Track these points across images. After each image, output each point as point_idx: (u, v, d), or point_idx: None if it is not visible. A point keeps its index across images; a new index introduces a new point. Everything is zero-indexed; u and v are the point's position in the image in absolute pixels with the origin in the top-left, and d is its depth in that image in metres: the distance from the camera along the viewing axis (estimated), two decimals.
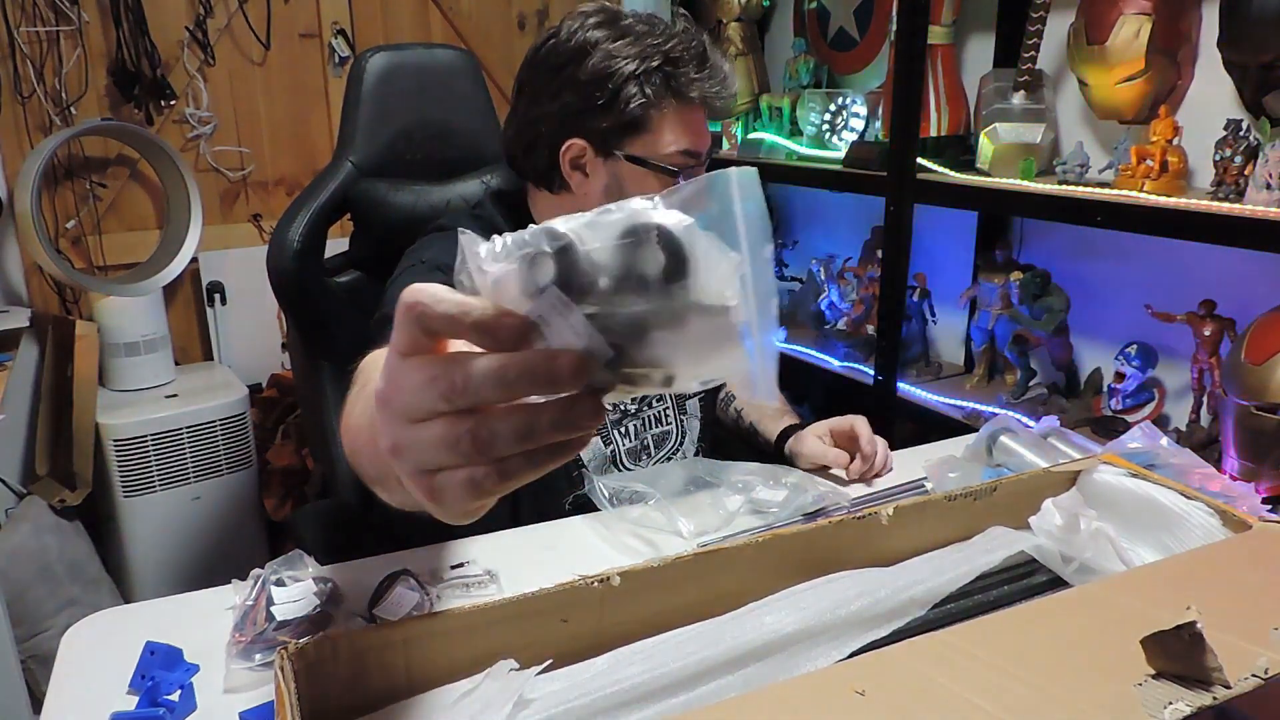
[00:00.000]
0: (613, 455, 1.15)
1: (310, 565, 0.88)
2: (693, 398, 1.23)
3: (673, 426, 1.22)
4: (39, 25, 2.06)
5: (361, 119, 1.34)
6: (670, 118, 1.03)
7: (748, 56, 2.43)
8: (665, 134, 1.03)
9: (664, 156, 1.03)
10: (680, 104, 1.02)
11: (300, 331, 1.34)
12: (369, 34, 2.45)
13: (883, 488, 1.14)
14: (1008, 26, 1.86)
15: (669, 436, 1.21)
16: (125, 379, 2.15)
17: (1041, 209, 1.61)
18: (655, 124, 1.03)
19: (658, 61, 1.00)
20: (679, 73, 1.00)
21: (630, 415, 1.17)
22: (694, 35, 1.03)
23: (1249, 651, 0.55)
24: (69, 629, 0.87)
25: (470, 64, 1.42)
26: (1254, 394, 1.28)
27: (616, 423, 1.16)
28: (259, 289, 2.42)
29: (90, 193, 2.19)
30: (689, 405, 1.23)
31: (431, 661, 0.64)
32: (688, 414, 1.22)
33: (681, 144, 1.03)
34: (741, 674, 0.65)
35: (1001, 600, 0.80)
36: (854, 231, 2.36)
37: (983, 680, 0.55)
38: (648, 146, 1.03)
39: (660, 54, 1.00)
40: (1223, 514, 0.82)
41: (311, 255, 1.31)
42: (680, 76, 1.01)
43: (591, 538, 1.03)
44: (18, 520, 1.92)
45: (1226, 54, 1.42)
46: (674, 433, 1.22)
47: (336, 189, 1.33)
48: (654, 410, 1.20)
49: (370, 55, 1.35)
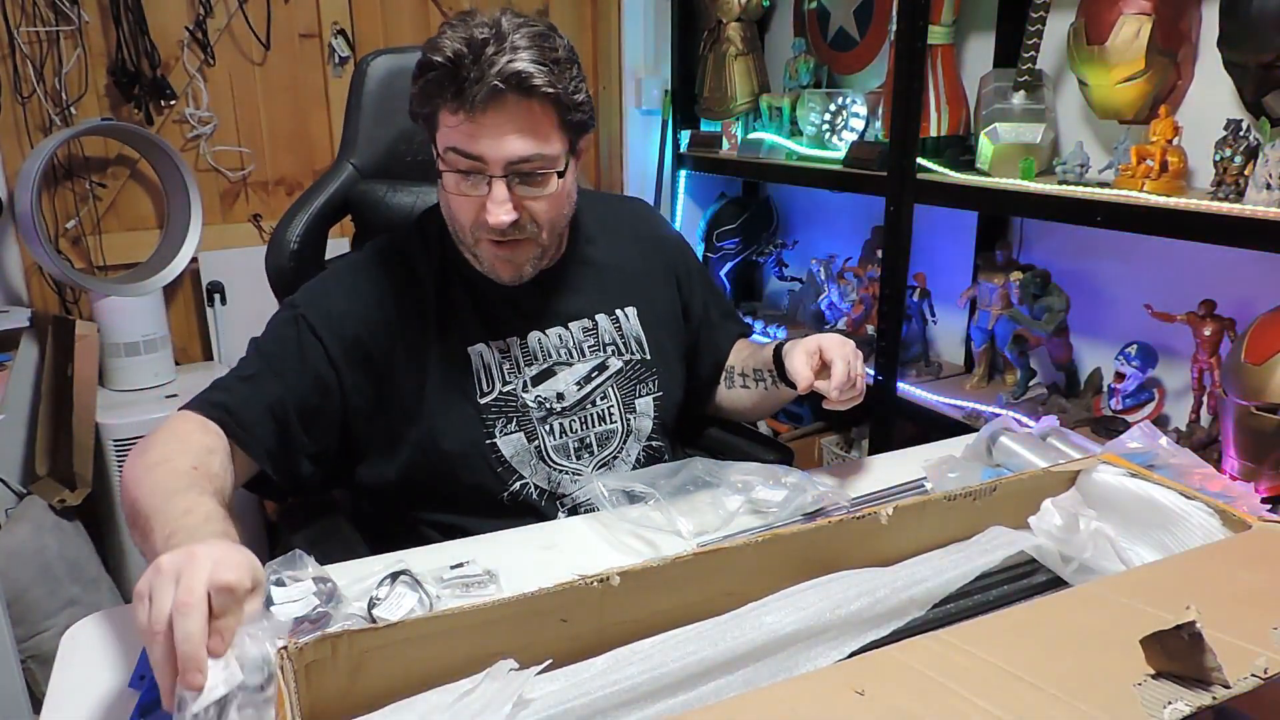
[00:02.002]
0: (538, 451, 1.13)
1: (310, 565, 0.88)
2: (644, 396, 1.21)
3: (618, 425, 1.19)
4: (39, 25, 2.06)
5: (363, 122, 1.35)
6: (439, 118, 1.02)
7: (748, 56, 2.43)
8: (441, 131, 1.03)
9: (442, 154, 1.03)
10: (441, 106, 1.01)
11: None
12: (369, 34, 2.45)
13: (883, 488, 1.14)
14: (1008, 26, 1.87)
15: (613, 435, 1.19)
16: (125, 379, 2.15)
17: (1041, 209, 1.61)
18: (435, 122, 1.03)
19: (423, 60, 1.00)
20: (430, 74, 0.99)
21: (557, 414, 1.15)
22: (480, 35, 0.97)
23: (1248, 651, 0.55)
24: (69, 629, 0.87)
25: None
26: (1254, 394, 1.28)
27: (542, 419, 1.14)
28: (259, 289, 2.41)
29: (90, 193, 2.19)
30: (639, 404, 1.20)
31: (431, 661, 0.64)
32: (636, 412, 1.20)
33: (448, 142, 1.02)
34: (741, 674, 0.65)
35: (1001, 600, 0.80)
36: (854, 231, 2.36)
37: (983, 680, 0.55)
38: (438, 143, 1.04)
39: (427, 54, 0.99)
40: (1223, 514, 0.82)
41: (311, 255, 1.32)
42: (431, 78, 0.99)
43: (591, 538, 1.03)
44: (18, 520, 1.92)
45: (1226, 54, 1.42)
46: (619, 431, 1.19)
47: (337, 190, 1.33)
48: (597, 408, 1.18)
49: (372, 58, 1.36)
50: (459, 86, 0.97)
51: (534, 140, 1.01)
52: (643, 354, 1.22)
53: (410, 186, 1.34)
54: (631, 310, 1.23)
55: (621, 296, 1.23)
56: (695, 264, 1.36)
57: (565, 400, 1.15)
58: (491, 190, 1.01)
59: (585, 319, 1.19)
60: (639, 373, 1.21)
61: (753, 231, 2.62)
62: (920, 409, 1.91)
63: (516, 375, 1.14)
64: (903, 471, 1.18)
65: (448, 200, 1.07)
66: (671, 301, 1.28)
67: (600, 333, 1.20)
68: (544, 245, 1.10)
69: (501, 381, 1.13)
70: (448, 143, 1.01)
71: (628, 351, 1.21)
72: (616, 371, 1.19)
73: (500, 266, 1.09)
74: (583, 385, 1.17)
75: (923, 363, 2.08)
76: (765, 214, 2.65)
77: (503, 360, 1.13)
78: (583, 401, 1.17)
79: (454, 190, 1.04)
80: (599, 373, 1.18)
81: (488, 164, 1.01)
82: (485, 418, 1.11)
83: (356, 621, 0.83)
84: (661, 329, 1.25)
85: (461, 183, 1.03)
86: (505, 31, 0.98)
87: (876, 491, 1.13)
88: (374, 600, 0.86)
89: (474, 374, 1.12)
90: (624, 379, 1.20)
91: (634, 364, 1.21)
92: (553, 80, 0.99)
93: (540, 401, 1.14)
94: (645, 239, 1.29)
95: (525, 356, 1.15)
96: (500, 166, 1.00)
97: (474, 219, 1.05)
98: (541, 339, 1.16)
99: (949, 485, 1.09)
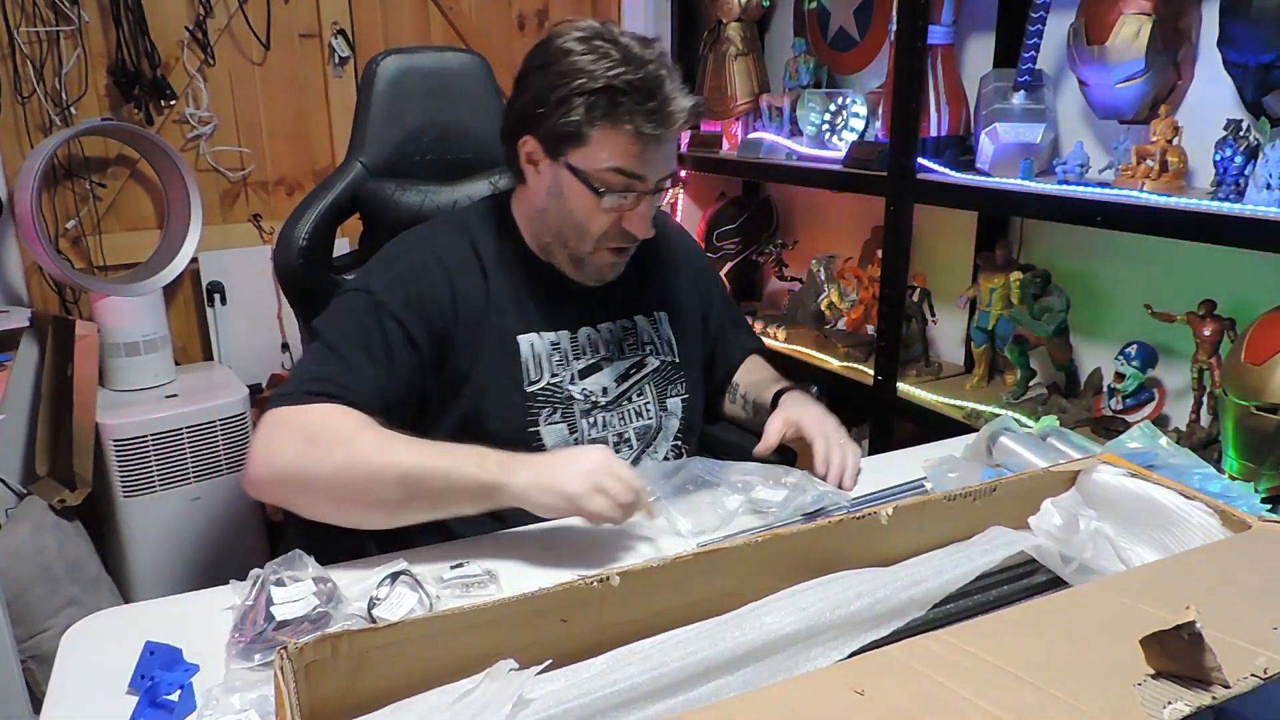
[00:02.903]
0: (577, 443, 1.16)
1: (310, 565, 0.89)
2: (674, 397, 1.25)
3: (654, 420, 1.23)
4: (39, 25, 2.06)
5: (372, 120, 1.36)
6: (607, 138, 1.06)
7: (748, 56, 2.43)
8: (601, 151, 1.07)
9: (597, 172, 1.08)
10: (614, 127, 1.06)
11: (308, 327, 1.35)
12: (369, 34, 2.45)
13: (883, 488, 1.14)
14: (1008, 26, 1.86)
15: (650, 430, 1.23)
16: (125, 379, 2.15)
17: (1041, 209, 1.61)
18: (592, 140, 1.07)
19: (602, 84, 1.04)
20: (620, 100, 1.04)
21: (600, 407, 1.19)
22: (657, 68, 1.06)
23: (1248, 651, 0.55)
24: (69, 629, 0.88)
25: (481, 68, 1.44)
26: (1254, 394, 1.28)
27: (585, 412, 1.17)
28: (259, 289, 2.44)
29: (90, 193, 2.19)
30: (669, 404, 1.25)
31: (431, 661, 0.64)
32: (668, 411, 1.24)
33: (615, 163, 1.07)
34: (741, 674, 0.65)
35: (1001, 600, 0.80)
36: (854, 231, 2.36)
37: (983, 680, 0.55)
38: (585, 159, 1.08)
39: (608, 78, 1.04)
40: (1222, 514, 0.82)
41: (318, 252, 1.32)
42: (621, 103, 1.04)
43: (592, 538, 1.03)
44: (18, 520, 1.92)
45: (1226, 54, 1.42)
46: (654, 426, 1.23)
47: (345, 188, 1.34)
48: (634, 404, 1.21)
49: (382, 58, 1.37)
50: (652, 114, 1.05)
51: (674, 160, 1.13)
52: (673, 356, 1.27)
53: (419, 185, 1.35)
54: (663, 314, 1.28)
55: (656, 299, 1.28)
56: (714, 274, 1.43)
57: (608, 395, 1.19)
58: (643, 205, 1.10)
59: (625, 318, 1.24)
60: (670, 374, 1.26)
61: (753, 231, 2.62)
62: (920, 409, 1.91)
63: (565, 367, 1.18)
64: (903, 471, 1.18)
65: (578, 211, 1.11)
66: (695, 309, 1.33)
67: (639, 332, 1.25)
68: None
69: (550, 372, 1.17)
70: (609, 163, 1.07)
71: (662, 353, 1.26)
72: (654, 370, 1.24)
73: (609, 271, 1.18)
74: (622, 381, 1.21)
75: (923, 363, 2.08)
76: (765, 214, 2.65)
77: (553, 352, 1.17)
78: (620, 398, 1.21)
79: (606, 207, 1.09)
80: (637, 370, 1.23)
81: (648, 182, 1.09)
82: (531, 406, 1.15)
83: (356, 621, 0.83)
84: (689, 334, 1.30)
85: (612, 199, 1.09)
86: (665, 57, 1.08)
87: (876, 491, 1.13)
88: (374, 600, 0.86)
89: (523, 362, 1.15)
90: (660, 377, 1.24)
91: (667, 365, 1.26)
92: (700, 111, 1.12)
93: (586, 394, 1.18)
94: (673, 248, 1.34)
95: (574, 350, 1.19)
96: (654, 185, 1.10)
97: (606, 231, 1.11)
98: (591, 334, 1.20)
99: (949, 485, 1.09)
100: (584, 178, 1.08)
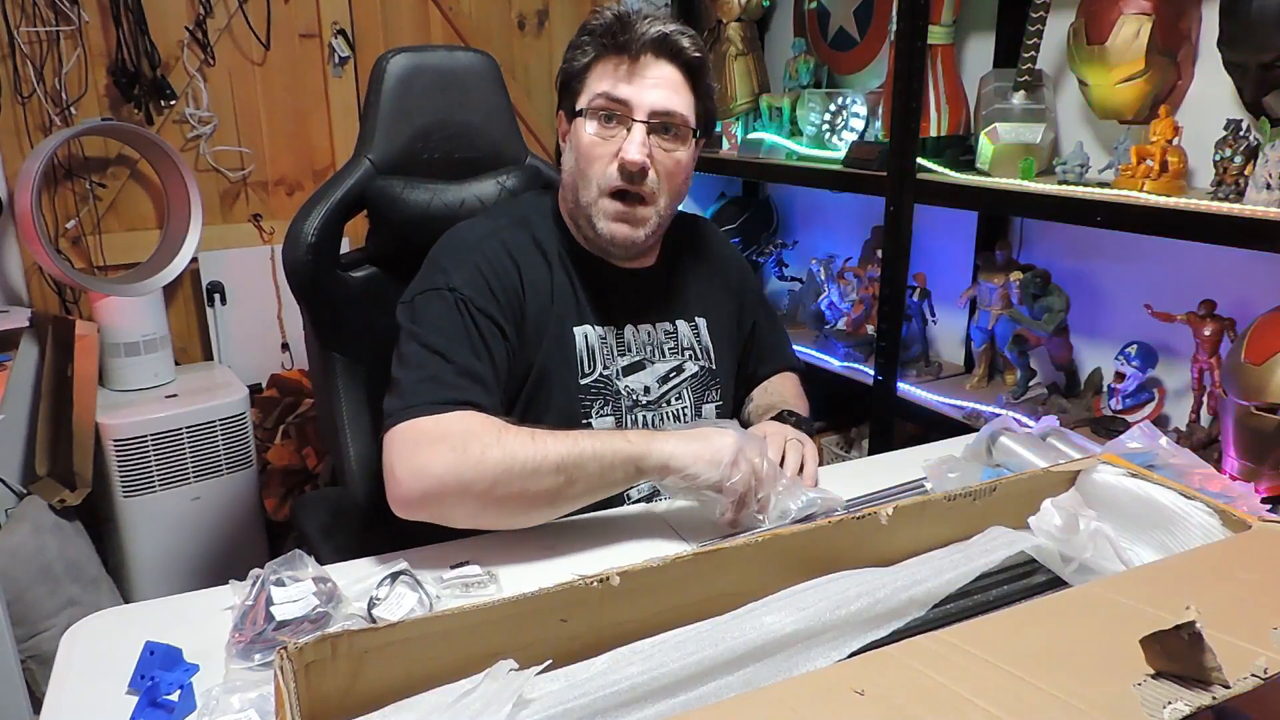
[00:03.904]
0: None
1: (310, 565, 0.88)
2: (709, 404, 1.25)
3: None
4: (39, 25, 2.06)
5: (380, 118, 1.36)
6: (594, 73, 1.13)
7: (748, 56, 2.43)
8: (590, 84, 1.13)
9: (589, 106, 1.13)
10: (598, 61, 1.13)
11: (314, 324, 1.35)
12: (369, 34, 2.45)
13: (883, 488, 1.14)
14: (1008, 26, 1.86)
15: None
16: (125, 379, 2.15)
17: (1041, 209, 1.61)
18: (587, 82, 1.14)
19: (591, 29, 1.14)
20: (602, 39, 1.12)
21: (642, 405, 1.19)
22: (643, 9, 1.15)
23: (1248, 651, 0.55)
24: (69, 629, 0.87)
25: (490, 67, 1.44)
26: (1254, 394, 1.28)
27: (630, 408, 1.18)
28: (259, 289, 2.44)
29: (90, 193, 2.19)
30: (704, 409, 1.25)
31: (431, 661, 0.64)
32: (702, 417, 1.24)
33: (600, 89, 1.12)
34: (741, 674, 0.65)
35: (1001, 600, 0.80)
36: (854, 231, 2.36)
37: (983, 680, 0.55)
38: (583, 99, 1.14)
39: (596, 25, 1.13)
40: (1222, 514, 0.82)
41: (326, 249, 1.32)
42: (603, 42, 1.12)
43: (591, 538, 1.03)
44: (18, 520, 1.92)
45: (1226, 54, 1.42)
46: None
47: (353, 185, 1.34)
48: (672, 407, 1.22)
49: (392, 56, 1.37)
50: (623, 37, 1.10)
51: (675, 97, 1.13)
52: (710, 364, 1.27)
53: (426, 183, 1.35)
54: (702, 321, 1.28)
55: (697, 306, 1.28)
56: (756, 287, 1.43)
57: (650, 395, 1.20)
58: (632, 133, 1.11)
59: (667, 322, 1.25)
60: (707, 381, 1.26)
61: (753, 231, 2.62)
62: (920, 409, 1.91)
63: (612, 362, 1.18)
64: (903, 471, 1.18)
65: (581, 153, 1.14)
66: (733, 320, 1.34)
67: (680, 337, 1.25)
68: (660, 214, 1.16)
69: (602, 365, 1.17)
70: (597, 89, 1.12)
71: (701, 359, 1.26)
72: (692, 375, 1.24)
73: (617, 228, 1.15)
74: (662, 383, 1.22)
75: (923, 363, 2.08)
76: (765, 214, 2.65)
77: (603, 345, 1.18)
78: (661, 399, 1.21)
79: (595, 135, 1.12)
80: (677, 374, 1.23)
81: (633, 109, 1.11)
82: (584, 398, 1.16)
83: (356, 621, 0.83)
84: (725, 344, 1.30)
85: (602, 129, 1.12)
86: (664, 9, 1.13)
87: (876, 491, 1.13)
88: (374, 600, 0.86)
89: (578, 354, 1.16)
90: (697, 384, 1.25)
91: (705, 372, 1.26)
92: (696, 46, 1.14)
93: (629, 391, 1.19)
94: (715, 258, 1.35)
95: (620, 346, 1.20)
96: (644, 112, 1.11)
97: (604, 168, 1.12)
98: (635, 332, 1.21)
99: (949, 485, 1.09)
100: (581, 114, 1.13)
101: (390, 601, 0.86)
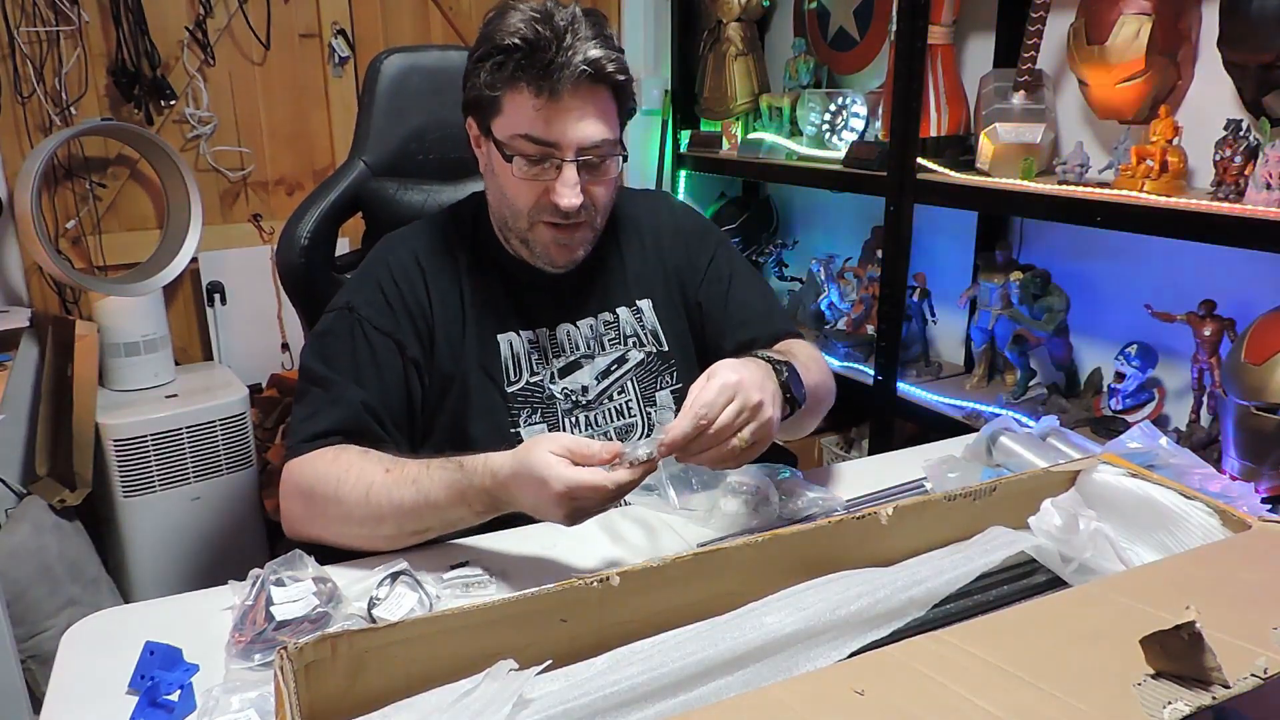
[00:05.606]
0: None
1: (310, 565, 0.89)
2: (664, 389, 1.20)
3: (636, 419, 1.19)
4: (39, 25, 2.06)
5: (375, 119, 1.35)
6: (512, 102, 1.03)
7: (748, 56, 2.43)
8: (511, 116, 1.04)
9: (509, 139, 1.04)
10: (515, 88, 1.02)
11: (310, 325, 1.35)
12: (369, 34, 2.45)
13: (883, 488, 1.14)
14: (1008, 26, 1.86)
15: (633, 429, 1.19)
16: (125, 379, 2.15)
17: (1041, 209, 1.61)
18: (504, 106, 1.04)
19: (502, 43, 1.01)
20: (516, 58, 1.00)
21: (582, 407, 1.16)
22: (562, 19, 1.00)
23: (1248, 651, 0.55)
24: (69, 629, 0.87)
25: None
26: (1254, 394, 1.28)
27: (567, 412, 1.15)
28: (259, 289, 2.44)
29: (90, 193, 2.19)
30: (659, 397, 1.20)
31: (431, 661, 0.64)
32: (657, 405, 1.20)
33: (521, 129, 1.03)
34: (741, 674, 0.65)
35: (1001, 600, 0.80)
36: (854, 231, 2.36)
37: (983, 680, 0.55)
38: (501, 127, 1.05)
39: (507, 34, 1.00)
40: (1222, 514, 0.82)
41: (320, 251, 1.32)
42: (518, 62, 1.00)
43: (591, 538, 1.03)
44: (18, 520, 1.92)
45: (1226, 54, 1.42)
46: (638, 425, 1.19)
47: (348, 187, 1.34)
48: (615, 403, 1.18)
49: (385, 57, 1.36)
50: (542, 70, 0.99)
51: (605, 126, 1.04)
52: (659, 346, 1.21)
53: (421, 185, 1.35)
54: (646, 303, 1.22)
55: (637, 289, 1.23)
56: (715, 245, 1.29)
57: (588, 394, 1.17)
58: (562, 173, 1.04)
59: (607, 312, 1.20)
60: (658, 366, 1.21)
61: (753, 231, 2.62)
62: (920, 409, 1.91)
63: (544, 366, 1.15)
64: (903, 471, 1.18)
65: (505, 185, 1.08)
66: (677, 292, 1.25)
67: (621, 325, 1.21)
68: (596, 230, 1.13)
69: (529, 371, 1.14)
70: (517, 128, 1.03)
71: (648, 344, 1.21)
72: (637, 364, 1.20)
73: (556, 251, 1.11)
74: (602, 379, 1.18)
75: (923, 363, 2.08)
76: (765, 214, 2.65)
77: (531, 350, 1.15)
78: (601, 396, 1.18)
79: (519, 175, 1.05)
80: (618, 366, 1.19)
81: (561, 149, 1.03)
82: (511, 407, 1.13)
83: (356, 621, 0.83)
84: (679, 320, 1.24)
85: (528, 168, 1.04)
86: (579, 18, 1.01)
87: (876, 491, 1.13)
88: (374, 600, 0.86)
89: (502, 362, 1.13)
90: (644, 372, 1.21)
91: (653, 357, 1.21)
92: (621, 68, 1.04)
93: (567, 394, 1.15)
94: (651, 232, 1.26)
95: (554, 348, 1.16)
96: (573, 151, 1.03)
97: (535, 203, 1.06)
98: (571, 330, 1.17)
99: (949, 485, 1.09)
100: (501, 148, 1.05)
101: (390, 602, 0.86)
